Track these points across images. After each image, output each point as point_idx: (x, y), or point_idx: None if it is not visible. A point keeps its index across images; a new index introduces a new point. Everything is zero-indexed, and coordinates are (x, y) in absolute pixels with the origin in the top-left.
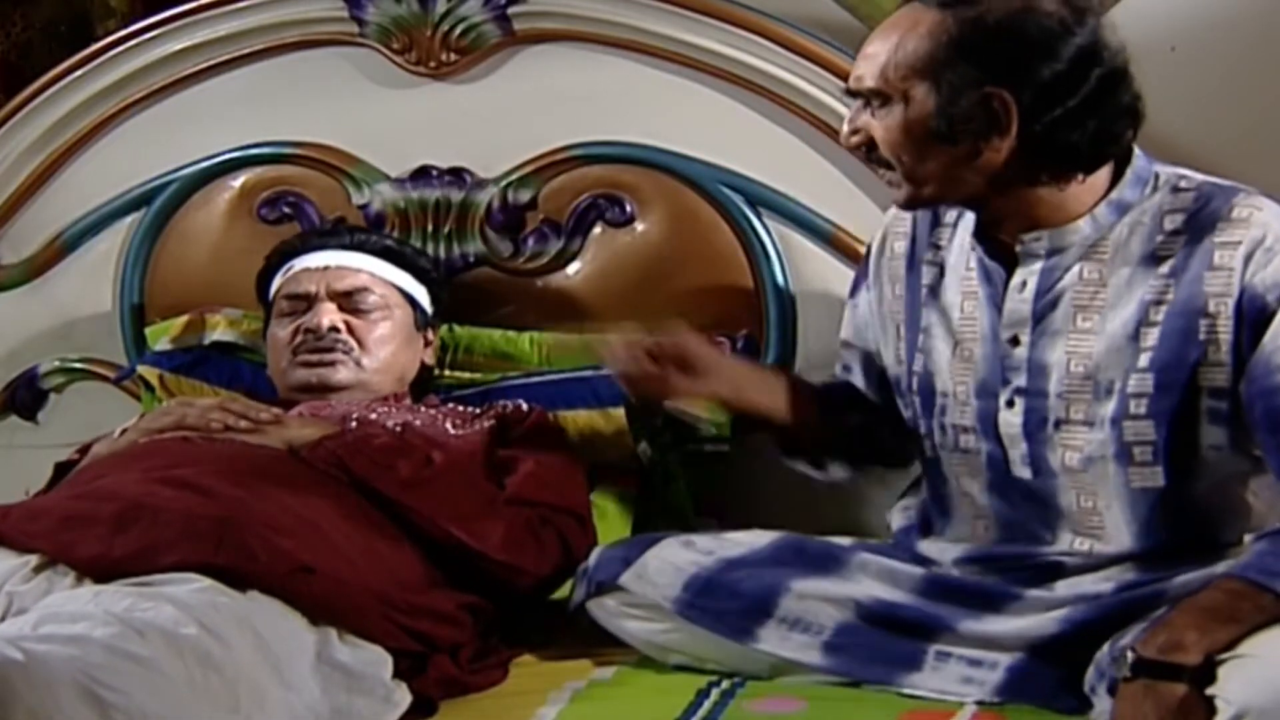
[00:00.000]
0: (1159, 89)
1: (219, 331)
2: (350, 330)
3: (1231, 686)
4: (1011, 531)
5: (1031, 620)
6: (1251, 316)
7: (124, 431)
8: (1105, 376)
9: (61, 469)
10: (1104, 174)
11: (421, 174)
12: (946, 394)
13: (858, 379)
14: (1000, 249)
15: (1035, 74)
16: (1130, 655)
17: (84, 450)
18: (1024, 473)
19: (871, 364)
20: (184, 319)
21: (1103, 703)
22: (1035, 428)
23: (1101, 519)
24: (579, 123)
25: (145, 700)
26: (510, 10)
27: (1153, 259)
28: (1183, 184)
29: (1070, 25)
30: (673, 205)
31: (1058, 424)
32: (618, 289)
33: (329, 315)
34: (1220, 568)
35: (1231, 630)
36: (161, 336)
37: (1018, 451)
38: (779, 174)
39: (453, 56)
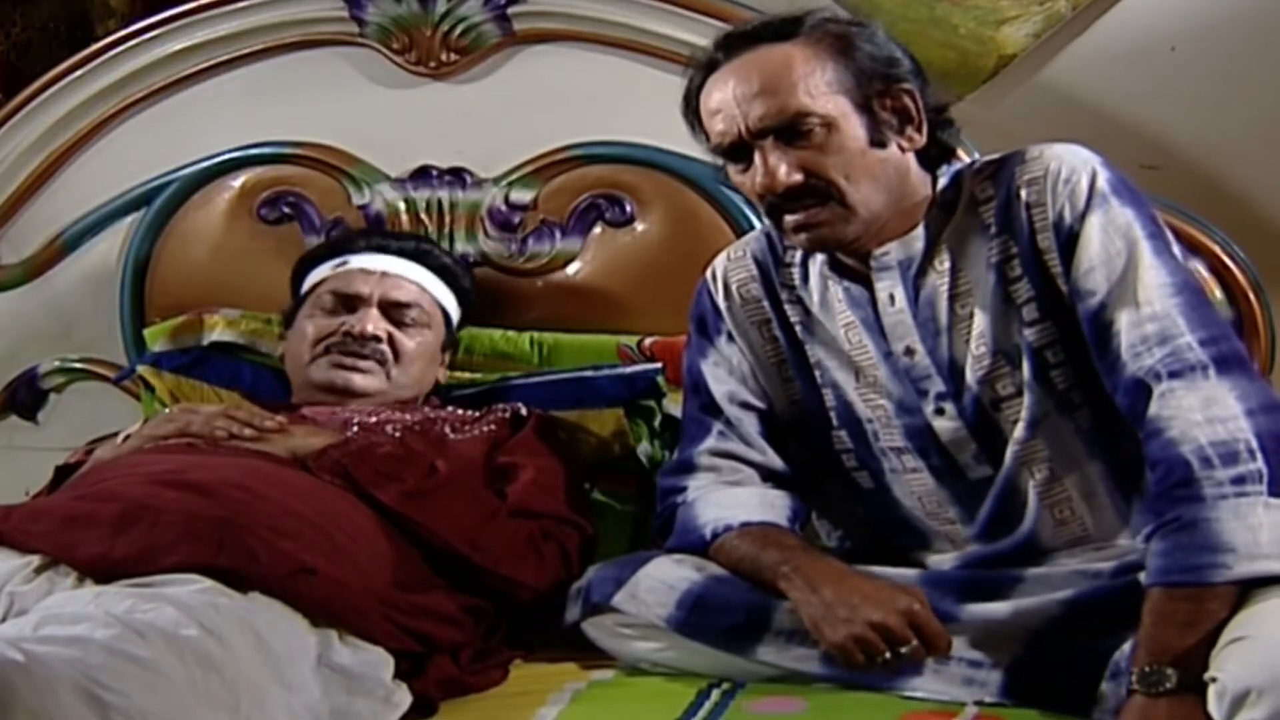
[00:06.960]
0: (1159, 89)
1: (218, 332)
2: (390, 340)
3: (1231, 668)
4: (989, 532)
5: (1033, 600)
6: (1067, 244)
7: (127, 437)
8: (1008, 345)
9: (62, 472)
10: (927, 183)
11: (421, 174)
12: (870, 419)
13: (749, 428)
14: (853, 273)
15: (903, 65)
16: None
17: (85, 453)
18: (983, 472)
19: (764, 414)
20: (182, 319)
21: (1110, 701)
22: (979, 420)
23: (1063, 485)
24: (579, 123)
25: (145, 701)
26: (510, 10)
27: (983, 227)
28: (981, 162)
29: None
30: (673, 205)
31: (995, 405)
32: (618, 289)
33: (375, 322)
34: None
35: (1193, 632)
36: (161, 337)
37: (967, 454)
38: None
39: (453, 56)
